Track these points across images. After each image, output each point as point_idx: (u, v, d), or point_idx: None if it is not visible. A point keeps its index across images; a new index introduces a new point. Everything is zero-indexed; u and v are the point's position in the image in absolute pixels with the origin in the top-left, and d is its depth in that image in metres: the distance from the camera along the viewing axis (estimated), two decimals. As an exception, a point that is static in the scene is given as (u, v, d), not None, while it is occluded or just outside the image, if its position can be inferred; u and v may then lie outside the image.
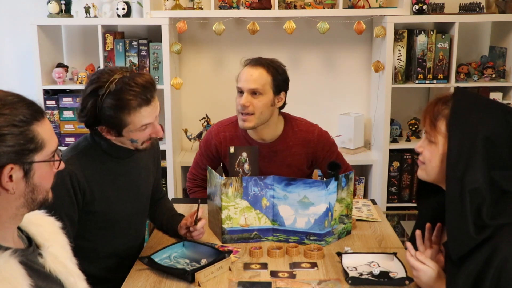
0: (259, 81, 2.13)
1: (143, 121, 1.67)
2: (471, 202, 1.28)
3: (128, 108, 1.62)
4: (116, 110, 1.61)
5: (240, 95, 2.17)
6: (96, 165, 1.73)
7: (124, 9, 3.13)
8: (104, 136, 1.72)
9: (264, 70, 2.15)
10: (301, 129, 2.30)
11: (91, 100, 1.63)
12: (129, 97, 1.61)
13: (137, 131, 1.68)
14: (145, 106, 1.65)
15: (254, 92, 2.14)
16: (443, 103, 1.42)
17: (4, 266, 1.04)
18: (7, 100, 1.08)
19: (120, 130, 1.67)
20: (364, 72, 3.50)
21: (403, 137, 3.41)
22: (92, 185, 1.70)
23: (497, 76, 3.26)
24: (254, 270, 1.72)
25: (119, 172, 1.80)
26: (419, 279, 1.48)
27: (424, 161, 1.46)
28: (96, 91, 1.62)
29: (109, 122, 1.65)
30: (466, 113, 1.36)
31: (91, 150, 1.74)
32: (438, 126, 1.40)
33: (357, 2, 3.26)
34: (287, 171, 2.26)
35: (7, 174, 1.06)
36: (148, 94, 1.65)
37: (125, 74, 1.65)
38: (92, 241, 1.78)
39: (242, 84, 2.16)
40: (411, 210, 3.39)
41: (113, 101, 1.61)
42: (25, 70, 3.40)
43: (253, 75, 2.14)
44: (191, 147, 3.50)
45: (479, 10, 3.20)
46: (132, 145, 1.74)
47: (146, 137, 1.73)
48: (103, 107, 1.61)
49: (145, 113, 1.66)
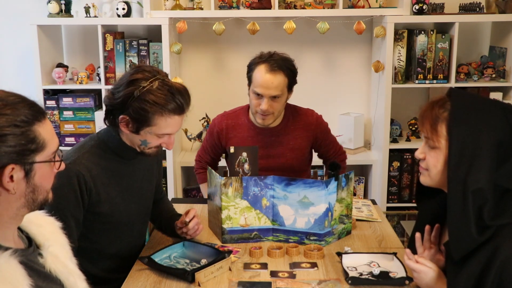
0: (279, 87, 2.20)
1: (168, 129, 1.67)
2: (474, 202, 1.28)
3: (163, 109, 1.62)
4: (152, 105, 1.61)
5: (258, 97, 2.22)
6: (102, 165, 1.72)
7: (124, 9, 3.13)
8: (115, 132, 1.72)
9: (282, 75, 2.20)
10: (300, 113, 2.40)
11: (129, 87, 1.62)
12: (168, 99, 1.62)
13: (155, 135, 1.68)
14: (177, 115, 1.66)
15: (274, 97, 2.21)
16: (440, 106, 1.40)
17: (4, 266, 1.04)
18: (8, 100, 1.08)
19: (141, 127, 1.65)
20: (364, 72, 3.50)
21: (403, 137, 3.41)
22: (98, 185, 1.70)
23: (497, 76, 3.26)
24: (254, 270, 1.72)
25: (124, 173, 1.79)
26: (419, 280, 1.48)
27: (428, 168, 1.44)
28: (137, 81, 1.62)
29: (136, 114, 1.62)
30: (466, 114, 1.35)
31: (97, 149, 1.73)
32: (439, 130, 1.38)
33: (357, 2, 3.26)
34: (290, 154, 2.35)
35: (8, 174, 1.06)
36: (184, 103, 1.67)
37: (167, 78, 1.67)
38: (96, 242, 1.78)
39: (263, 91, 2.20)
40: (411, 210, 3.39)
41: (153, 97, 1.60)
42: (25, 70, 3.40)
43: (274, 83, 2.18)
44: (191, 147, 3.50)
45: (479, 10, 3.20)
46: (140, 147, 1.73)
47: (157, 145, 1.73)
48: (139, 98, 1.60)
49: (173, 122, 1.67)
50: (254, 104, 2.25)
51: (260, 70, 2.20)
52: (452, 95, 1.41)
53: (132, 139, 1.72)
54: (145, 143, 1.71)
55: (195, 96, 3.62)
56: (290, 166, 2.34)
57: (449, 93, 1.43)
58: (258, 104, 2.22)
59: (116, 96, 1.65)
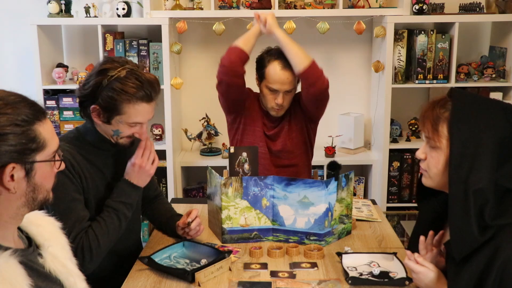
0: (293, 82, 2.34)
1: (137, 117, 1.70)
2: (475, 202, 1.28)
3: (128, 95, 1.65)
4: (118, 93, 1.64)
5: (273, 93, 2.34)
6: (83, 155, 1.74)
7: (124, 9, 3.13)
8: (91, 124, 1.74)
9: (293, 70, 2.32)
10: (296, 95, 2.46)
11: (98, 77, 1.66)
12: (134, 86, 1.65)
13: (126, 124, 1.71)
14: (144, 103, 1.69)
15: (288, 91, 2.34)
16: (441, 106, 1.40)
17: (4, 266, 1.04)
18: (9, 99, 1.08)
19: (111, 116, 1.69)
20: (364, 72, 3.50)
21: (403, 137, 3.41)
22: (84, 171, 1.71)
23: (497, 76, 3.26)
24: (254, 270, 1.72)
25: (105, 164, 1.81)
26: (419, 281, 1.47)
27: (428, 168, 1.44)
28: (106, 70, 1.66)
29: (105, 103, 1.66)
30: (467, 114, 1.35)
31: (76, 141, 1.76)
32: (440, 130, 1.38)
33: (357, 2, 3.26)
34: (295, 134, 2.45)
35: (9, 174, 1.06)
36: (152, 92, 1.70)
37: (136, 68, 1.70)
38: None
39: (279, 87, 2.32)
40: (411, 210, 3.39)
41: (119, 84, 1.64)
42: (25, 70, 3.40)
43: (289, 78, 2.31)
44: (191, 147, 3.50)
45: (479, 10, 3.20)
46: (113, 138, 1.75)
47: (129, 134, 1.75)
48: (107, 87, 1.65)
49: (142, 109, 1.70)
50: (268, 100, 2.36)
51: (274, 67, 2.31)
52: (453, 95, 1.40)
53: (105, 129, 1.74)
54: (118, 133, 1.73)
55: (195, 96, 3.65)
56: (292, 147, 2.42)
57: (450, 93, 1.42)
58: (273, 99, 2.34)
59: (86, 87, 1.69)
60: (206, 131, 3.43)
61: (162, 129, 3.29)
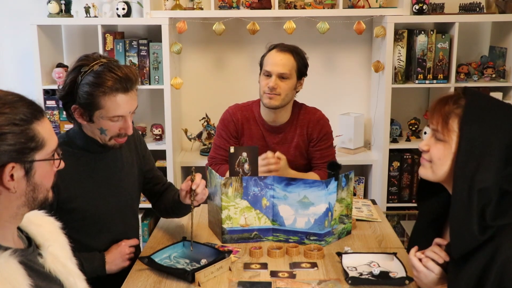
0: (287, 66, 2.28)
1: (117, 110, 1.67)
2: (478, 201, 1.28)
3: (103, 88, 1.63)
4: (93, 87, 1.63)
5: (267, 77, 2.29)
6: (72, 161, 1.71)
7: (124, 9, 3.13)
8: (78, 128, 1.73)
9: (291, 55, 2.30)
10: (305, 112, 2.44)
11: (72, 76, 1.66)
12: (108, 78, 1.63)
13: (108, 120, 1.68)
14: (121, 93, 1.66)
15: (282, 76, 2.27)
16: (454, 102, 1.39)
17: (4, 266, 1.04)
18: (7, 99, 1.08)
19: (92, 113, 1.67)
20: (364, 72, 3.50)
21: (403, 137, 3.41)
22: (67, 182, 1.69)
23: (497, 76, 3.26)
24: (254, 270, 1.72)
25: (96, 167, 1.79)
26: (419, 280, 1.47)
27: (431, 159, 1.42)
28: (79, 67, 1.66)
29: (83, 100, 1.65)
30: (479, 114, 1.35)
31: (65, 146, 1.74)
32: (450, 124, 1.37)
33: (357, 2, 3.26)
34: (294, 151, 2.39)
35: (8, 173, 1.06)
36: (128, 83, 1.67)
37: (111, 61, 1.68)
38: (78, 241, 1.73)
39: (271, 68, 2.27)
40: (411, 210, 3.39)
41: (92, 78, 1.63)
42: (25, 70, 3.40)
43: (282, 60, 2.28)
44: (191, 147, 3.50)
45: (479, 10, 3.20)
46: (101, 138, 1.73)
47: (115, 131, 1.72)
48: (82, 83, 1.64)
49: (121, 101, 1.66)
50: (262, 85, 2.31)
51: (271, 52, 2.32)
52: (467, 93, 1.40)
53: (91, 130, 1.73)
54: (103, 131, 1.71)
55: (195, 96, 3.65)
56: (294, 163, 2.34)
57: (464, 91, 1.43)
58: (266, 83, 2.28)
59: (62, 87, 1.69)
60: (206, 131, 3.43)
61: (162, 129, 3.29)
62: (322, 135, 2.40)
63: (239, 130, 2.41)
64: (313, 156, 2.41)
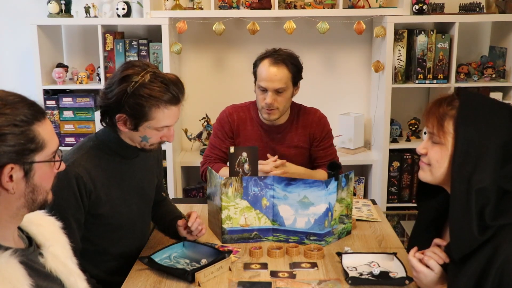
0: (283, 80, 2.25)
1: (166, 121, 1.66)
2: (477, 202, 1.28)
3: (158, 101, 1.60)
4: (147, 99, 1.59)
5: (263, 92, 2.28)
6: (102, 166, 1.70)
7: (124, 9, 3.13)
8: (114, 132, 1.70)
9: (285, 68, 2.26)
10: (305, 112, 2.43)
11: (122, 85, 1.60)
12: (162, 91, 1.61)
13: (155, 129, 1.66)
14: (173, 105, 1.65)
15: (278, 91, 2.25)
16: (448, 104, 1.40)
17: (4, 266, 1.04)
18: (8, 100, 1.08)
19: (139, 123, 1.64)
20: (364, 72, 3.50)
21: (403, 137, 3.41)
22: (98, 187, 1.68)
23: (497, 76, 3.26)
24: (254, 270, 1.72)
25: (125, 173, 1.78)
26: (419, 280, 1.47)
27: (430, 163, 1.43)
28: (129, 77, 1.61)
29: (133, 110, 1.61)
30: (474, 114, 1.35)
31: (96, 150, 1.71)
32: (445, 126, 1.38)
33: (357, 2, 3.26)
34: (294, 151, 2.40)
35: (7, 174, 1.06)
36: (179, 93, 1.66)
37: (157, 70, 1.66)
38: (98, 244, 1.77)
39: (266, 85, 2.25)
40: (411, 210, 3.39)
41: (146, 90, 1.59)
42: (25, 70, 3.40)
43: (277, 75, 2.23)
44: (191, 147, 3.50)
45: (479, 10, 3.20)
46: (141, 144, 1.71)
47: (158, 139, 1.71)
48: (134, 93, 1.59)
49: (171, 113, 1.65)
50: (259, 99, 2.30)
51: (264, 64, 2.27)
52: (461, 94, 1.40)
53: (131, 136, 1.70)
54: (146, 139, 1.69)
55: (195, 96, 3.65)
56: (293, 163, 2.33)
57: (457, 92, 1.43)
58: (263, 98, 2.27)
59: (110, 95, 1.63)
60: (206, 131, 3.43)
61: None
62: (324, 134, 2.42)
63: (234, 131, 2.41)
64: (317, 156, 2.42)
